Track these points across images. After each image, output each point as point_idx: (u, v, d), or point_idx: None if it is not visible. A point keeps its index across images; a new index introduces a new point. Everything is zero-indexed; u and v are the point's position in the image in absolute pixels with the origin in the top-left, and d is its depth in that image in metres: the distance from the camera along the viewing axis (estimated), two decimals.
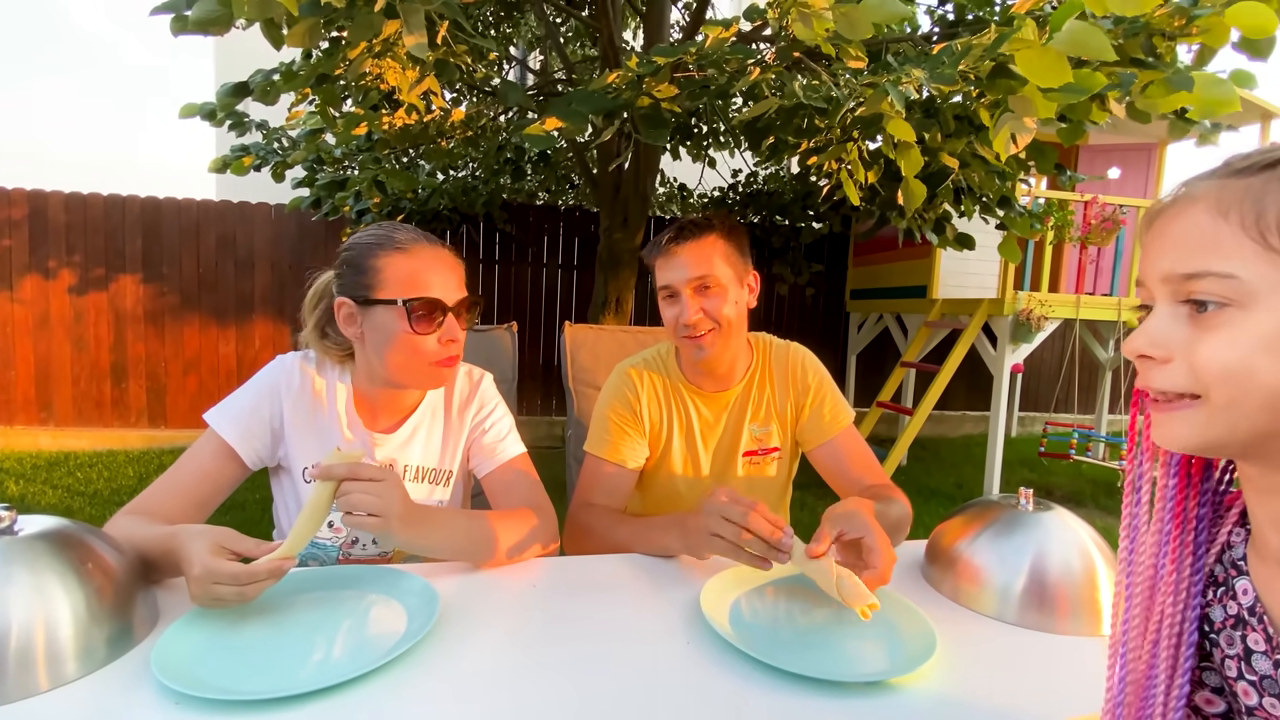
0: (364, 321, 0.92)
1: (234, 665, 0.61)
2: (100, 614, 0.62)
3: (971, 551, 0.82)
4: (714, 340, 1.07)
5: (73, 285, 4.39)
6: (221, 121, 2.89)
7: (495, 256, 4.95)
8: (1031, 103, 1.28)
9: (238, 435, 0.91)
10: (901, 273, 4.59)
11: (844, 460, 1.13)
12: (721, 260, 1.07)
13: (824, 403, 1.15)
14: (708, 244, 1.07)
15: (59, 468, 3.89)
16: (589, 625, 0.72)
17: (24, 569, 0.59)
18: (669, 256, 1.07)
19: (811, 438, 1.16)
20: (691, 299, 1.06)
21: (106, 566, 0.65)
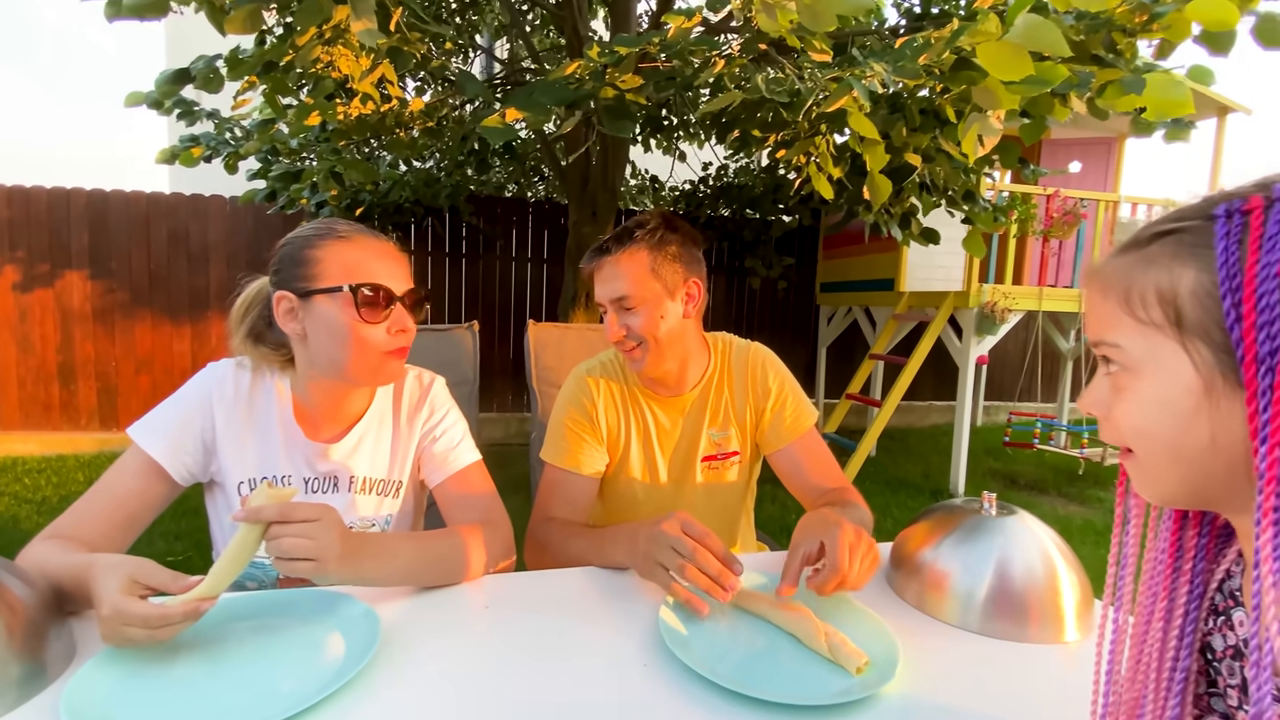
0: (305, 316, 0.86)
1: (155, 708, 0.57)
2: (8, 653, 0.57)
3: (935, 558, 0.81)
4: (643, 355, 1.05)
5: (16, 283, 4.18)
6: (169, 110, 2.75)
7: (462, 250, 4.85)
8: (995, 95, 1.27)
9: (165, 450, 0.85)
10: (870, 266, 4.63)
11: (803, 465, 1.11)
12: (646, 276, 1.02)
13: (785, 405, 1.12)
14: (628, 259, 1.02)
15: (5, 474, 3.71)
16: (542, 648, 0.69)
17: None
18: (595, 270, 1.05)
19: (771, 441, 1.13)
20: (613, 317, 1.04)
21: (13, 601, 0.60)
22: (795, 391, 1.14)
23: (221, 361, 0.93)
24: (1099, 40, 1.62)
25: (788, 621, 0.72)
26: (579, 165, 3.37)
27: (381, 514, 0.97)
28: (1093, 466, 4.05)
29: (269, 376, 0.94)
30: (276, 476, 0.91)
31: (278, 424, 0.92)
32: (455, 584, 0.83)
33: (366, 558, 0.73)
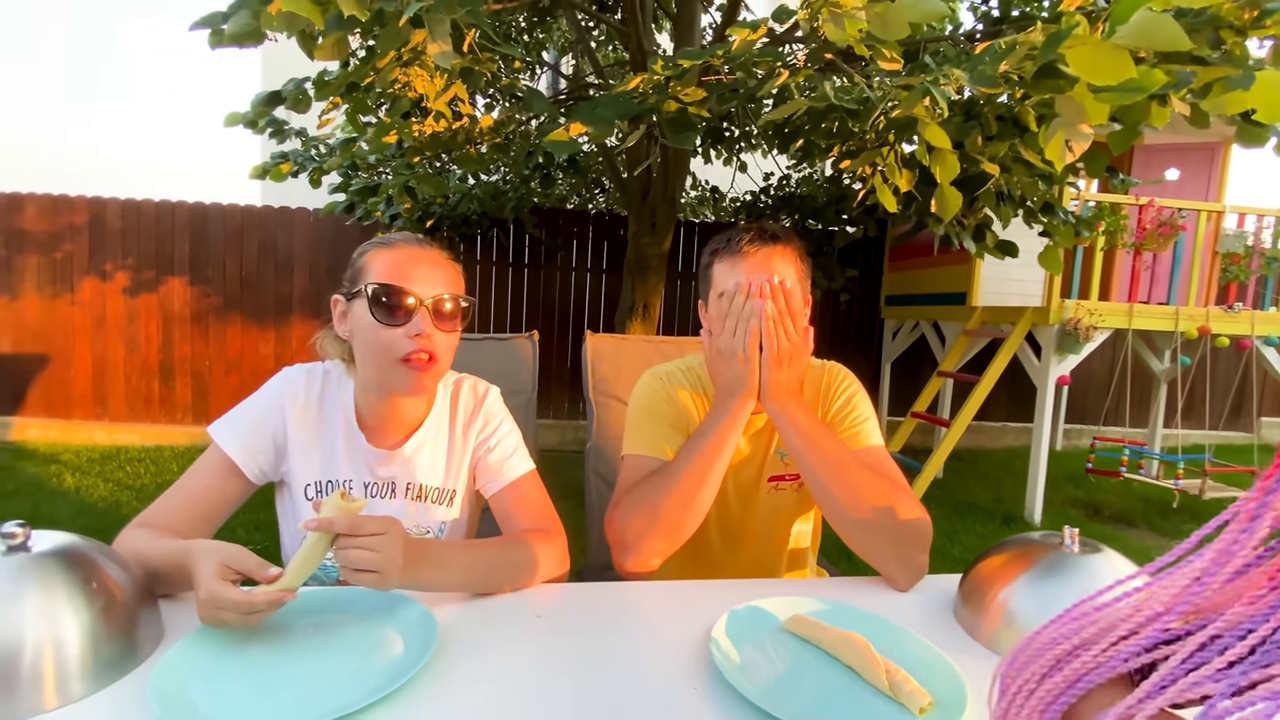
0: (349, 318, 0.91)
1: (229, 692, 0.60)
2: (105, 633, 0.61)
3: (1009, 596, 0.76)
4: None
5: (126, 288, 4.58)
6: (262, 129, 2.96)
7: (525, 260, 4.98)
8: (1081, 106, 1.20)
9: (240, 450, 0.90)
10: (939, 279, 4.45)
11: None
12: (794, 275, 1.01)
13: (845, 418, 1.07)
14: (787, 255, 1.00)
15: (111, 461, 4.06)
16: (592, 662, 0.69)
17: (35, 587, 0.59)
18: (740, 257, 0.99)
19: None
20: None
21: (112, 585, 0.65)
22: (859, 408, 1.09)
23: (295, 367, 0.98)
24: (1203, 39, 1.50)
25: (845, 653, 0.69)
26: (639, 177, 3.40)
27: (436, 521, 1.00)
28: (1189, 499, 3.72)
29: (337, 384, 0.98)
30: (338, 480, 0.95)
31: (342, 429, 0.96)
32: (508, 592, 0.85)
33: (425, 566, 0.75)
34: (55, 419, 4.59)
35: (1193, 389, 5.15)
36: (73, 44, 12.38)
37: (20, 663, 0.56)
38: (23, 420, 4.56)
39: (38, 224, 4.48)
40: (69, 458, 4.12)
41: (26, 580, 0.59)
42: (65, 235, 4.50)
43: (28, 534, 0.62)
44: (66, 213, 4.50)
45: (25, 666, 0.56)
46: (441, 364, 0.92)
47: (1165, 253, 3.70)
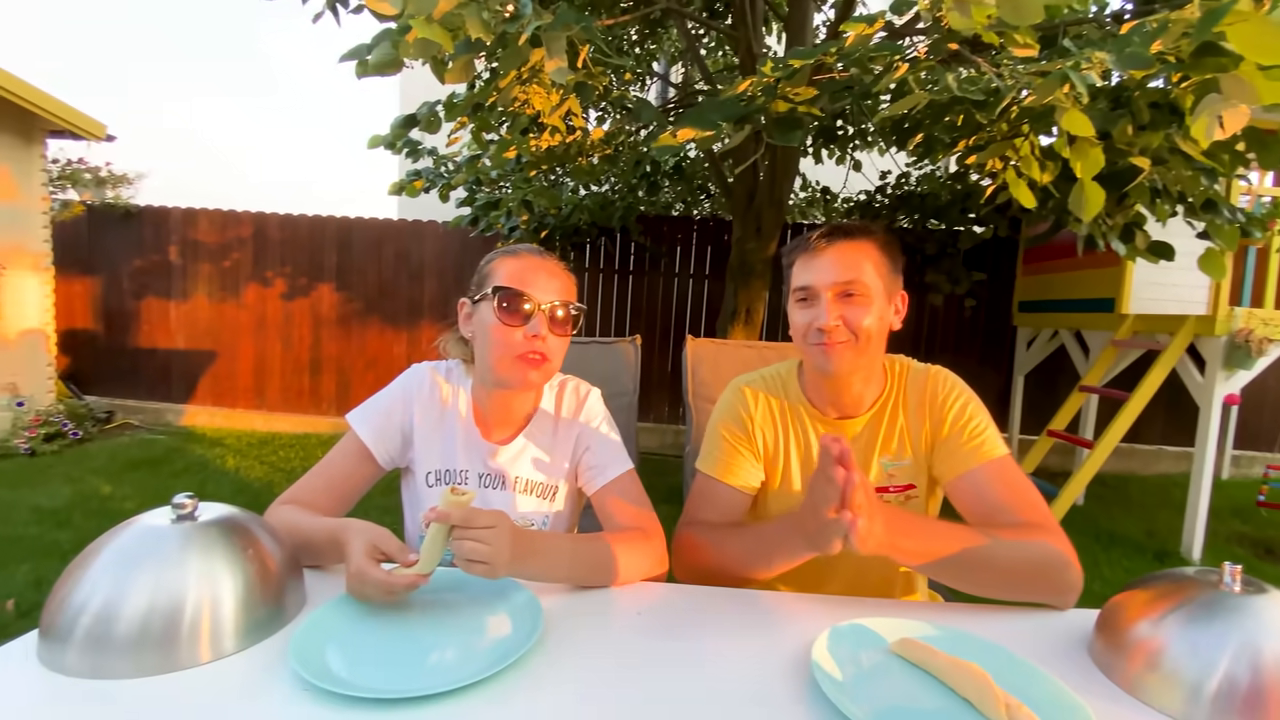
0: (474, 319, 0.99)
1: (359, 654, 0.67)
2: (256, 597, 0.70)
3: (1154, 634, 0.67)
4: (844, 353, 0.96)
5: (284, 293, 5.19)
6: (399, 150, 3.25)
7: (630, 267, 5.08)
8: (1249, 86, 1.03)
9: (373, 437, 1.00)
10: (1083, 283, 4.00)
11: (982, 497, 0.94)
12: (873, 269, 0.97)
13: (963, 429, 0.98)
14: (861, 248, 0.97)
15: (267, 446, 4.60)
16: (688, 662, 0.69)
17: (198, 552, 0.68)
18: (814, 255, 0.98)
19: (946, 469, 0.99)
20: (832, 304, 0.96)
21: (265, 552, 0.74)
22: (977, 414, 1.00)
23: (422, 365, 1.08)
24: None
25: (960, 683, 0.64)
26: (745, 180, 3.36)
27: (540, 513, 1.05)
28: None
29: (458, 381, 1.06)
30: (456, 470, 1.03)
31: (460, 424, 1.03)
32: (608, 586, 0.87)
33: (533, 557, 0.80)
34: (221, 408, 5.28)
35: None
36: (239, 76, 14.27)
37: (182, 619, 0.64)
38: (194, 408, 5.29)
39: (209, 235, 5.18)
40: (231, 442, 4.71)
41: (191, 546, 0.68)
42: (233, 246, 5.18)
43: (195, 505, 0.72)
44: (234, 226, 5.17)
45: (186, 623, 0.64)
46: (552, 364, 0.98)
47: None
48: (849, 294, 0.96)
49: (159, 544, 0.67)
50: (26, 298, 4.41)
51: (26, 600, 2.27)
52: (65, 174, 5.17)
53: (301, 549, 0.83)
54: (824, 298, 0.96)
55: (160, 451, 4.33)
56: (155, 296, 5.24)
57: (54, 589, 0.65)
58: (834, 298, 0.96)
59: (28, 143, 4.37)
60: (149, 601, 0.64)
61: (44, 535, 2.84)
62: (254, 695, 0.60)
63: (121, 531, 0.69)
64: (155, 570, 0.65)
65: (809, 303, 0.99)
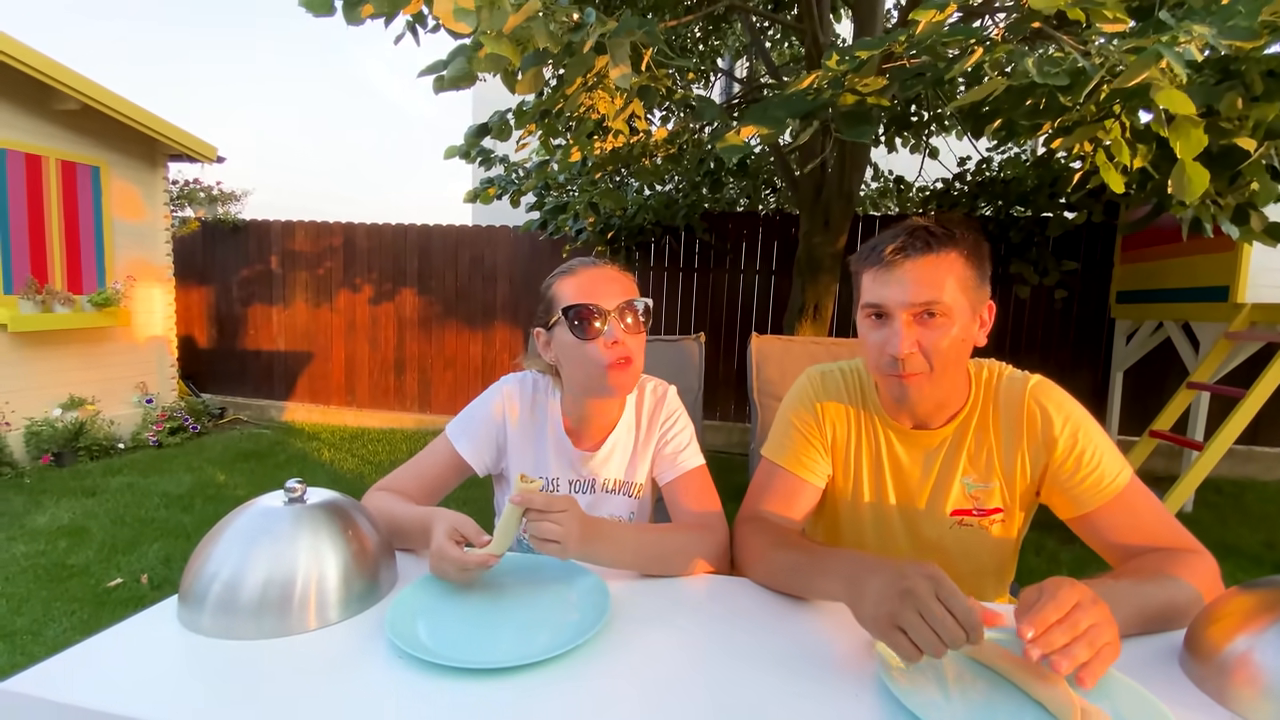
0: (554, 345, 1.03)
1: (443, 629, 0.73)
2: (356, 572, 0.77)
3: (1254, 646, 0.63)
4: (921, 384, 0.89)
5: (370, 297, 5.53)
6: (473, 159, 3.41)
7: (695, 265, 5.08)
8: None
9: (472, 452, 1.08)
10: (1192, 270, 3.67)
11: (1117, 532, 0.88)
12: (957, 285, 0.86)
13: (1079, 464, 0.90)
14: (945, 262, 0.86)
15: (358, 440, 4.92)
16: (752, 653, 0.71)
17: (307, 531, 0.76)
18: (888, 269, 0.87)
19: (1066, 506, 0.92)
20: (908, 328, 0.87)
21: (363, 534, 0.81)
22: (1097, 444, 0.90)
23: (510, 378, 1.14)
24: None
25: (1032, 684, 0.63)
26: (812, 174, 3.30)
27: (625, 510, 1.11)
28: None
29: (546, 395, 1.12)
30: (548, 478, 1.10)
31: (551, 435, 1.10)
32: (673, 576, 0.90)
33: (601, 540, 0.85)
34: (317, 404, 5.69)
35: None
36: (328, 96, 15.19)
37: (294, 590, 0.72)
38: (293, 404, 5.72)
39: (304, 245, 5.59)
40: (326, 436, 5.07)
41: (302, 525, 0.76)
42: (326, 255, 5.56)
43: (304, 489, 0.80)
44: (326, 236, 5.56)
45: (297, 593, 0.72)
46: (637, 364, 1.01)
47: None
48: (929, 314, 0.86)
49: (275, 523, 0.76)
50: (153, 306, 4.91)
51: (158, 575, 2.55)
52: (183, 193, 5.73)
53: (394, 533, 0.91)
54: (898, 320, 0.87)
55: (265, 445, 4.72)
56: (260, 303, 5.71)
57: (190, 560, 0.75)
58: (910, 319, 0.87)
59: (152, 166, 4.86)
60: (267, 573, 0.72)
61: (171, 518, 3.18)
62: (354, 660, 0.67)
63: (244, 511, 0.78)
64: (271, 545, 0.74)
65: (882, 321, 0.90)
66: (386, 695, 0.62)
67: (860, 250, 0.95)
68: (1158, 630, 0.77)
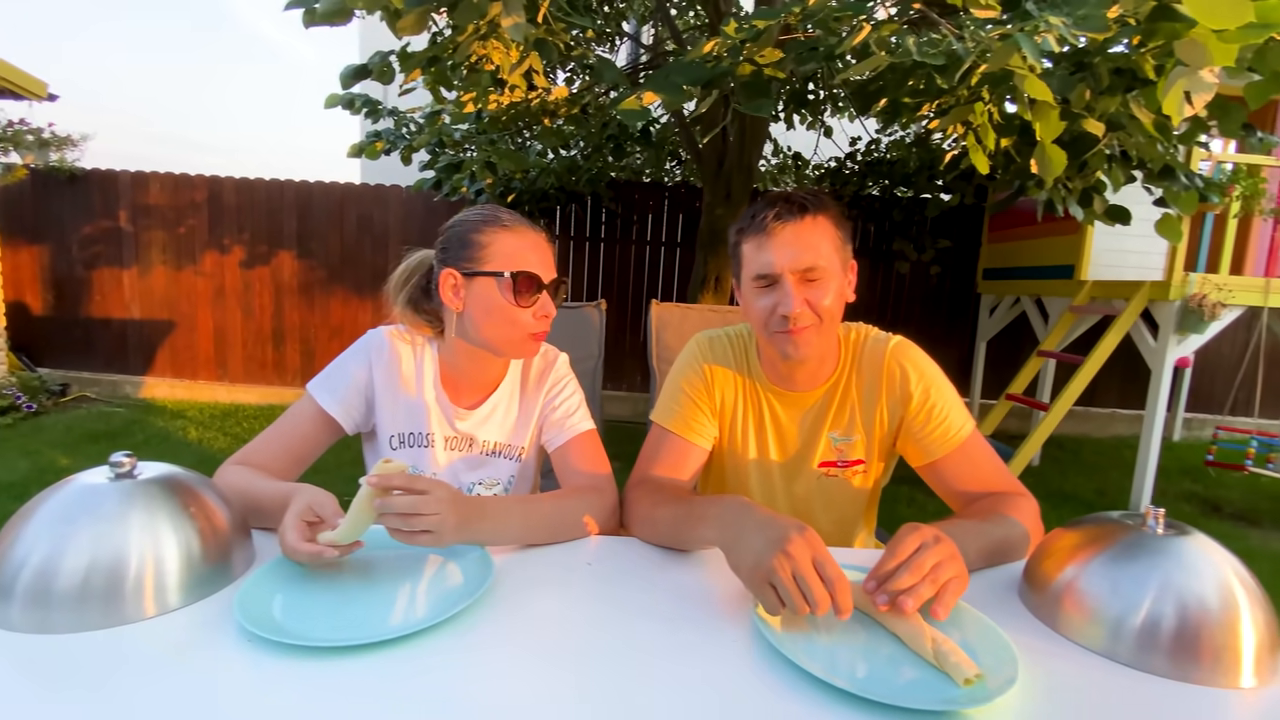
0: (467, 293, 0.97)
1: (304, 610, 0.67)
2: (200, 553, 0.69)
3: (1079, 575, 0.71)
4: (811, 338, 0.95)
5: (242, 260, 5.02)
6: (358, 110, 3.13)
7: (601, 235, 5.02)
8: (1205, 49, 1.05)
9: (339, 407, 0.99)
10: (1045, 250, 4.09)
11: (958, 479, 0.98)
12: (831, 246, 0.94)
13: (930, 416, 0.99)
14: (819, 226, 0.94)
15: (230, 418, 4.51)
16: (636, 614, 0.71)
17: (140, 510, 0.67)
18: (769, 236, 0.93)
19: (916, 454, 1.02)
20: (797, 288, 0.92)
21: (210, 511, 0.73)
22: (945, 398, 1.00)
23: (379, 330, 1.06)
24: None
25: (892, 623, 0.67)
26: (714, 146, 3.33)
27: (505, 474, 1.07)
28: None
29: (421, 344, 1.05)
30: (421, 433, 1.03)
31: (427, 387, 1.03)
32: (559, 542, 0.88)
33: (483, 521, 0.80)
34: (181, 379, 5.14)
35: None
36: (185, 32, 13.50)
37: (125, 574, 0.64)
38: (153, 380, 5.14)
39: (161, 200, 4.97)
40: (193, 414, 4.61)
41: (132, 503, 0.67)
42: (188, 211, 4.97)
43: (134, 464, 0.70)
44: (187, 190, 4.96)
45: (130, 578, 0.64)
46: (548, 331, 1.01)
47: None
48: (811, 279, 0.93)
49: (97, 501, 0.66)
50: None
51: None
52: (6, 135, 4.88)
53: (250, 510, 0.83)
54: (787, 283, 0.93)
55: (119, 424, 4.21)
56: (108, 265, 5.03)
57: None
58: (797, 282, 0.93)
59: None
60: (89, 557, 0.63)
61: (1, 508, 2.77)
62: (199, 647, 0.60)
63: (58, 490, 0.68)
64: (93, 526, 0.64)
65: (770, 288, 0.95)
66: (238, 684, 0.56)
67: (739, 220, 1.01)
68: (999, 563, 0.86)
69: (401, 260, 1.08)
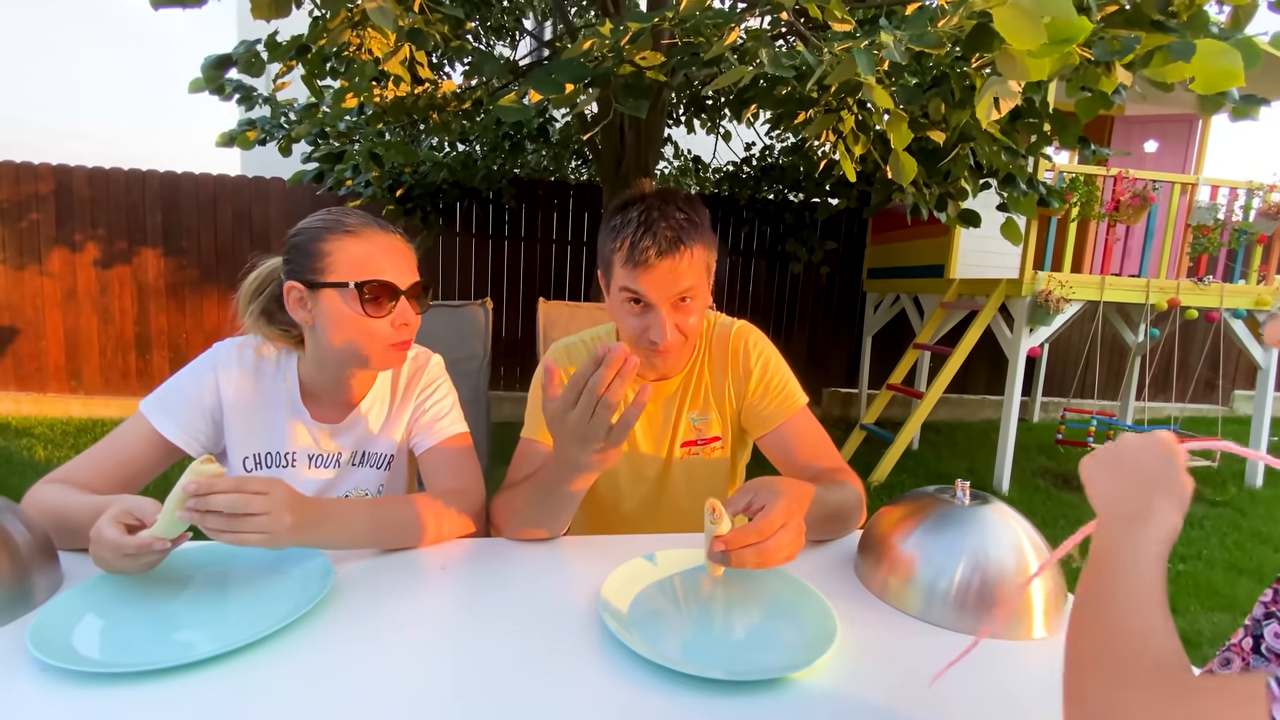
0: (314, 306, 0.90)
1: (114, 637, 0.62)
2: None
3: (901, 547, 0.78)
4: (678, 353, 1.01)
5: (97, 259, 4.52)
6: (228, 96, 2.90)
7: (504, 233, 4.93)
8: (1020, 63, 1.19)
9: (177, 429, 0.92)
10: (919, 251, 4.44)
11: (791, 448, 1.05)
12: (703, 269, 0.96)
13: (768, 389, 1.07)
14: (695, 255, 0.93)
15: (86, 435, 4.05)
16: (493, 610, 0.71)
17: None
18: (644, 268, 0.91)
19: (756, 425, 1.09)
20: (670, 314, 0.94)
21: (7, 536, 0.66)
22: (780, 373, 1.08)
23: (226, 343, 0.98)
24: (1153, 4, 1.49)
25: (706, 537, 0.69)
26: (612, 147, 3.36)
27: (373, 484, 1.03)
28: None
29: (276, 357, 0.99)
30: (280, 453, 0.97)
31: (285, 404, 0.97)
32: (415, 547, 0.86)
33: (322, 523, 0.75)
34: (27, 392, 4.57)
35: (1165, 362, 5.19)
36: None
37: None
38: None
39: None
40: (42, 431, 4.10)
41: None
42: (30, 204, 4.42)
43: None
44: (30, 181, 4.41)
45: None
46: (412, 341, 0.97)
47: (1139, 225, 3.71)
48: (684, 301, 0.95)
49: None
50: None
51: None
52: None
53: (61, 529, 0.75)
54: (660, 310, 0.93)
55: None
56: None
57: None
58: (670, 309, 0.94)
59: None
60: None
61: None
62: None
63: None
64: None
65: (643, 310, 0.95)
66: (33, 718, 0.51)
67: (609, 232, 0.97)
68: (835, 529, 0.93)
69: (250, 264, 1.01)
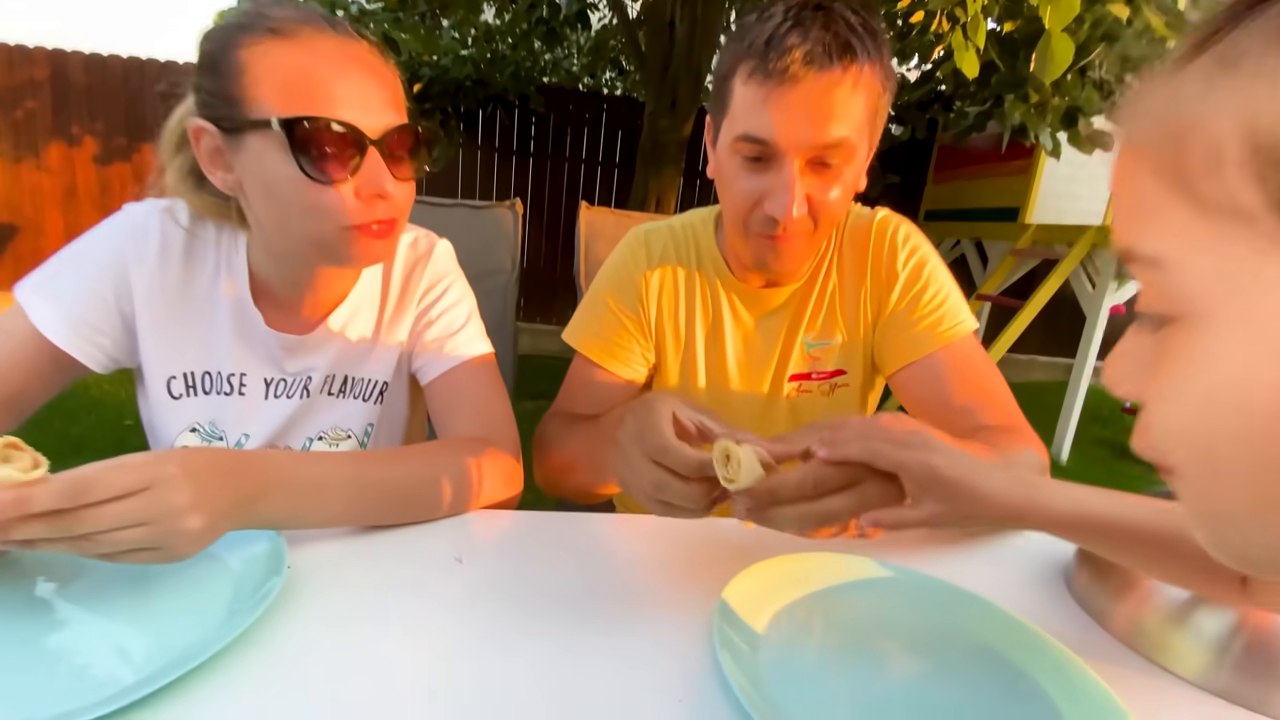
0: (235, 160, 0.58)
1: None
2: None
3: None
4: (800, 246, 0.69)
5: (97, 154, 4.23)
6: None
7: (530, 149, 4.52)
8: None
9: (67, 331, 0.61)
10: (990, 191, 3.99)
11: (946, 389, 0.72)
12: (865, 114, 0.64)
13: (916, 302, 0.74)
14: (862, 82, 0.61)
15: None
16: (531, 623, 0.44)
17: None
18: (784, 87, 0.60)
19: (894, 353, 0.76)
20: (801, 177, 0.63)
21: None
22: (938, 281, 0.75)
23: (141, 207, 0.66)
24: None
25: None
26: (660, 45, 2.94)
27: (359, 422, 0.73)
28: None
29: (216, 236, 0.68)
30: (220, 374, 0.68)
31: (229, 304, 0.67)
32: (423, 521, 0.58)
33: (268, 496, 0.47)
34: None
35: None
36: None
37: None
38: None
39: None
40: None
41: None
42: (25, 91, 4.08)
43: None
44: (23, 66, 4.05)
45: None
46: (401, 224, 0.63)
47: None
48: (825, 162, 0.63)
49: None
50: None
51: None
52: None
53: None
54: (790, 166, 0.63)
55: None
56: None
57: None
58: (805, 166, 0.63)
59: None
60: None
61: None
62: None
63: None
64: None
65: (761, 166, 0.65)
66: None
67: (741, 33, 0.64)
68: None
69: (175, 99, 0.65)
